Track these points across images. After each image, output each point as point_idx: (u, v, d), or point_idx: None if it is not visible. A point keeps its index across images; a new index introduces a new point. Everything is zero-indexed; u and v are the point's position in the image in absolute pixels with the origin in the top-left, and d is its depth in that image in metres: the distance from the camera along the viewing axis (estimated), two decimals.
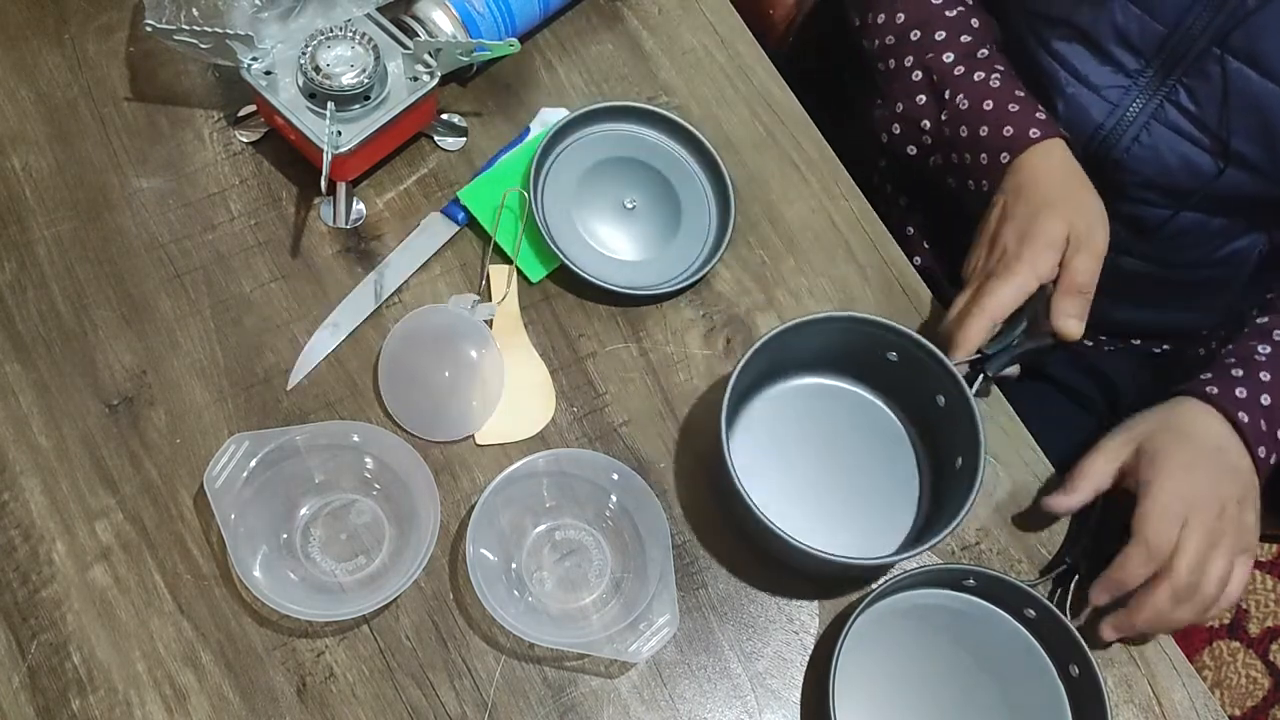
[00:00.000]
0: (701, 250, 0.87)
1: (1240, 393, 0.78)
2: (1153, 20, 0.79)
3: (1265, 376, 0.79)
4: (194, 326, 0.82)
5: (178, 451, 0.78)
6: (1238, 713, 1.48)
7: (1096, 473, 0.76)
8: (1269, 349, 0.82)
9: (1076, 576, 0.77)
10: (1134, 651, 0.79)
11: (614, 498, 0.77)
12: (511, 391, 0.81)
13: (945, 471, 0.79)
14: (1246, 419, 0.77)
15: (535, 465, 0.76)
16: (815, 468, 0.81)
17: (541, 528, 0.78)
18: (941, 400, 0.77)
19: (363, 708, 0.72)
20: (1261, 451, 0.77)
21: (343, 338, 0.82)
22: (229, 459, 0.73)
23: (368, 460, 0.77)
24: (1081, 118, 0.85)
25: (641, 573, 0.75)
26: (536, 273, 0.85)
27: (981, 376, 0.78)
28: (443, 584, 0.76)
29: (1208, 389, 0.78)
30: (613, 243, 0.87)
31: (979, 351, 0.78)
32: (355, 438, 0.77)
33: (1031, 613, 0.77)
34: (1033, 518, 0.83)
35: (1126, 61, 0.82)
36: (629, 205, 0.88)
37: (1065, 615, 0.74)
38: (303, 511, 0.77)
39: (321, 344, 0.82)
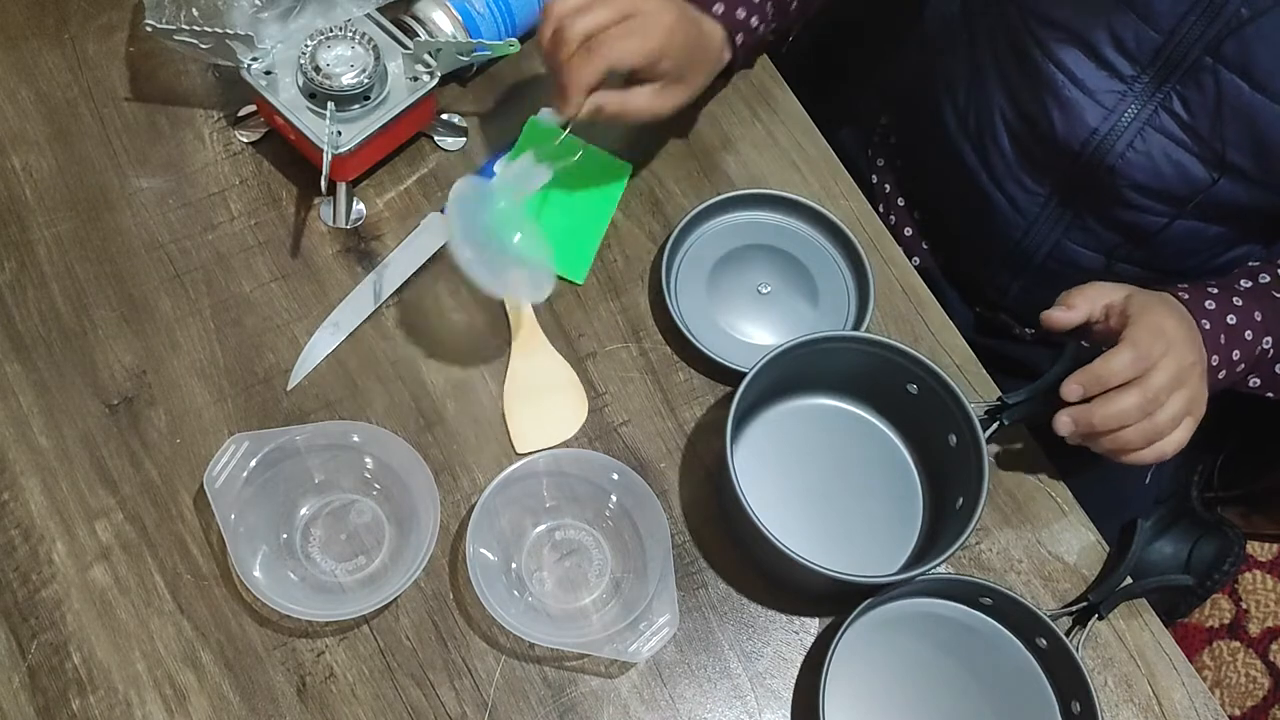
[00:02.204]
0: (845, 324, 0.86)
1: (1209, 305, 0.80)
2: (1148, 27, 0.79)
3: (1238, 302, 0.81)
4: (194, 326, 0.82)
5: (178, 451, 0.78)
6: (1238, 713, 1.47)
7: (1095, 295, 0.78)
8: (1250, 284, 0.83)
9: (1096, 615, 0.77)
10: (1134, 651, 0.79)
11: (614, 498, 0.77)
12: (543, 395, 0.82)
13: (945, 509, 0.79)
14: (1208, 326, 0.79)
15: (535, 465, 0.76)
16: (816, 488, 0.81)
17: (541, 528, 0.78)
18: (953, 440, 0.77)
19: (363, 708, 0.72)
20: (1214, 360, 0.79)
21: (343, 338, 0.82)
22: (229, 459, 0.73)
23: (368, 460, 0.77)
24: (1077, 122, 0.85)
25: (641, 573, 0.75)
26: (578, 273, 0.86)
27: (998, 424, 0.78)
28: (443, 584, 0.76)
29: (1180, 293, 0.80)
30: (753, 330, 0.86)
31: (1000, 399, 0.79)
32: (355, 438, 0.77)
33: (1043, 642, 0.76)
34: (1033, 519, 0.83)
35: (1122, 67, 0.82)
36: (763, 290, 0.87)
37: (1078, 651, 0.74)
38: (303, 511, 0.77)
39: (321, 344, 0.82)
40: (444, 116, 0.90)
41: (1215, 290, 0.82)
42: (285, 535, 0.76)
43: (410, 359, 0.82)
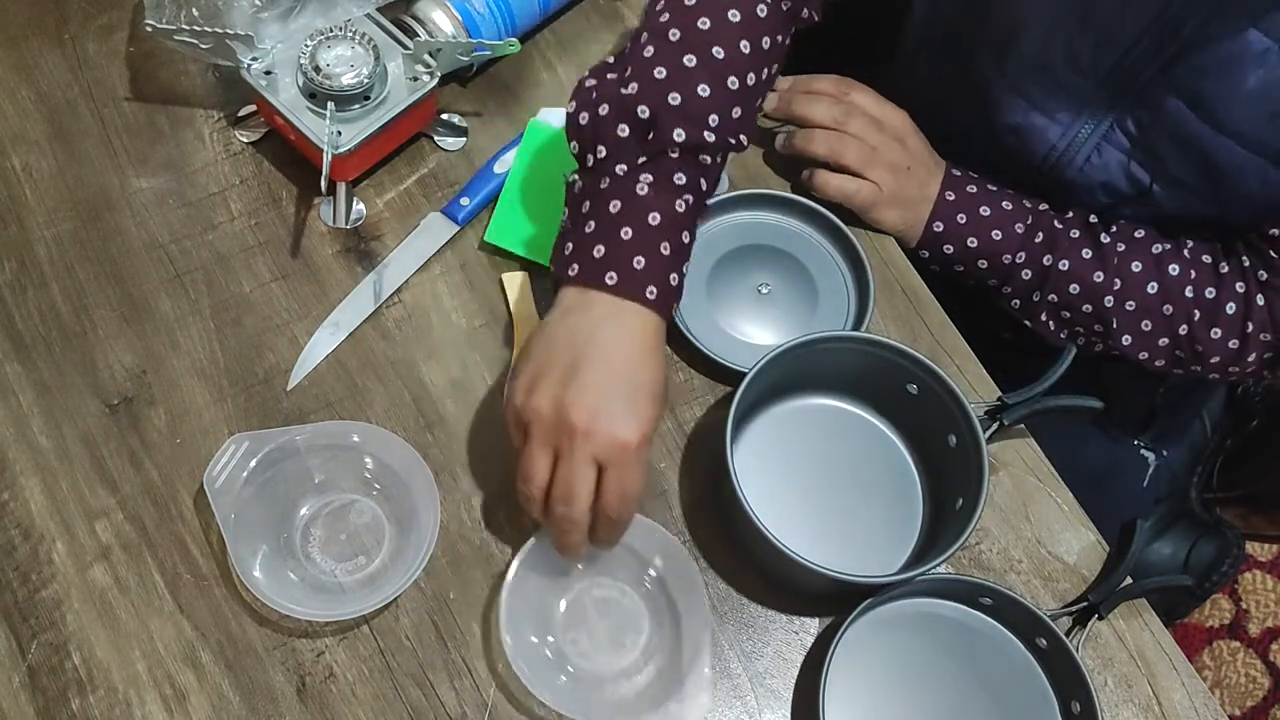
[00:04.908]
0: (845, 324, 0.86)
1: (970, 188, 0.89)
2: (1103, 46, 0.79)
3: (1008, 206, 0.88)
4: (194, 326, 0.82)
5: (178, 451, 0.78)
6: (1238, 713, 1.47)
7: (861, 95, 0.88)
8: (1057, 216, 0.89)
9: (1096, 615, 0.77)
10: (1134, 651, 0.79)
11: (655, 564, 0.75)
12: None
13: (945, 509, 0.78)
14: (951, 197, 0.88)
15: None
16: (816, 488, 0.81)
17: (577, 589, 0.76)
18: (953, 440, 0.77)
19: (363, 708, 0.72)
20: (938, 225, 0.88)
21: (343, 338, 0.82)
22: (229, 459, 0.73)
23: (368, 460, 0.77)
24: (1034, 141, 0.87)
25: (677, 649, 0.73)
26: None
27: (998, 424, 0.78)
28: (443, 584, 0.76)
29: (953, 168, 0.90)
30: (753, 330, 0.86)
31: (1000, 399, 0.79)
32: (355, 438, 0.76)
33: (1043, 642, 0.76)
34: (1033, 519, 0.83)
35: (1078, 86, 0.82)
36: (763, 290, 0.87)
37: (1078, 651, 0.74)
38: (303, 511, 0.77)
39: (321, 344, 0.82)
40: (444, 116, 0.90)
41: (990, 184, 0.89)
42: (285, 535, 0.76)
43: (410, 359, 0.82)
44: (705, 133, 0.70)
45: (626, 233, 0.68)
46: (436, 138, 0.90)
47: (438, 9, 0.86)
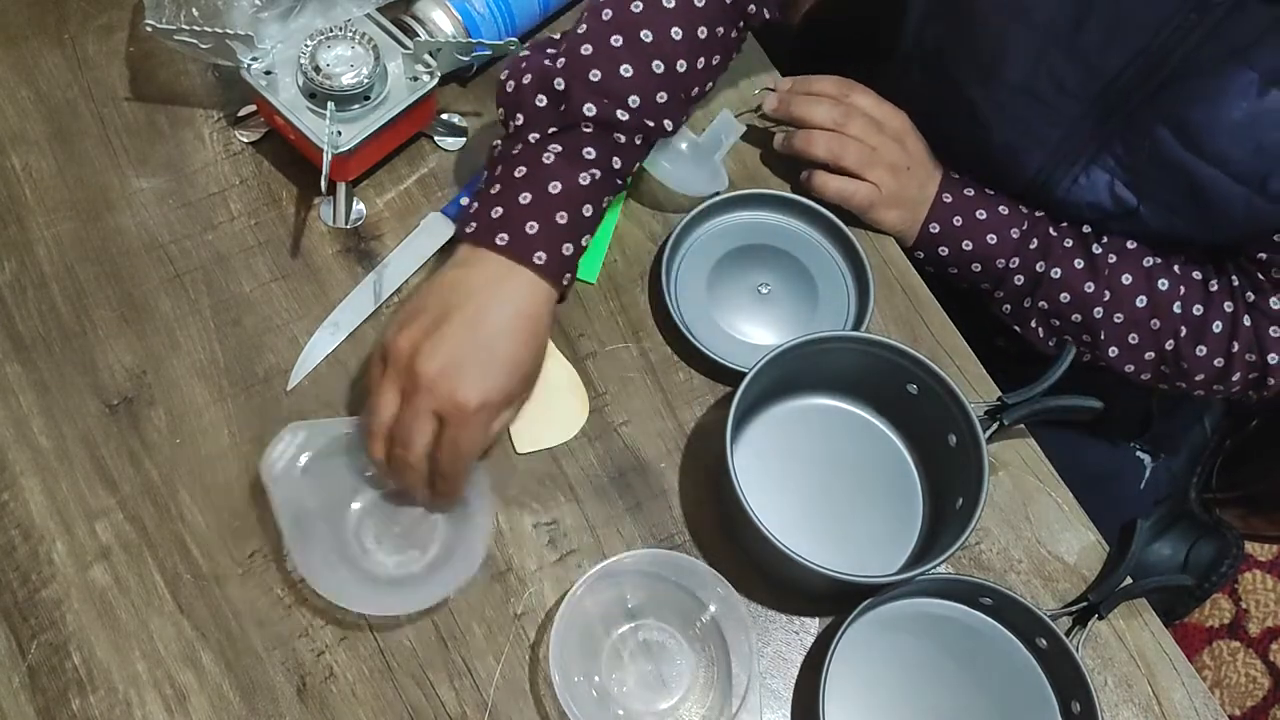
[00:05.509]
0: (845, 324, 0.86)
1: (968, 191, 0.89)
2: (1089, 76, 0.80)
3: (1004, 211, 0.88)
4: (194, 326, 0.82)
5: (178, 451, 0.78)
6: (1238, 713, 1.48)
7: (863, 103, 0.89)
8: (1052, 226, 0.89)
9: (1096, 615, 0.77)
10: (1134, 651, 0.79)
11: (710, 609, 0.75)
12: (544, 395, 0.81)
13: (945, 509, 0.79)
14: (949, 200, 0.88)
15: (622, 564, 0.74)
16: (816, 488, 0.81)
17: (624, 630, 0.76)
18: (953, 440, 0.77)
19: (363, 708, 0.72)
20: (934, 227, 0.89)
21: (343, 338, 0.82)
22: (285, 447, 0.72)
23: None
24: (1022, 160, 0.87)
25: (726, 691, 0.73)
26: (591, 273, 0.86)
27: (998, 424, 0.78)
28: None
29: (952, 172, 0.90)
30: (753, 330, 0.86)
31: (1000, 399, 0.79)
32: None
33: (1043, 642, 0.76)
34: (1033, 519, 0.83)
35: (1065, 110, 0.82)
36: (763, 290, 0.87)
37: (1078, 651, 0.74)
38: (356, 504, 0.76)
39: (321, 344, 0.82)
40: (444, 116, 0.90)
41: (988, 189, 0.89)
42: (338, 525, 0.75)
43: None
44: (619, 111, 0.72)
45: (525, 198, 0.70)
46: (436, 138, 0.90)
47: (438, 9, 0.86)
